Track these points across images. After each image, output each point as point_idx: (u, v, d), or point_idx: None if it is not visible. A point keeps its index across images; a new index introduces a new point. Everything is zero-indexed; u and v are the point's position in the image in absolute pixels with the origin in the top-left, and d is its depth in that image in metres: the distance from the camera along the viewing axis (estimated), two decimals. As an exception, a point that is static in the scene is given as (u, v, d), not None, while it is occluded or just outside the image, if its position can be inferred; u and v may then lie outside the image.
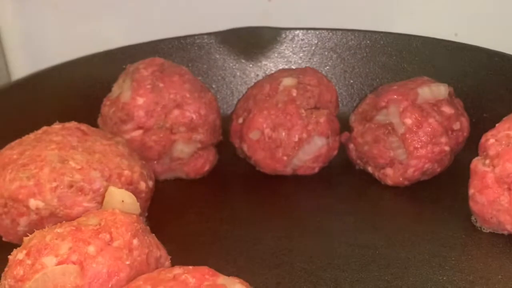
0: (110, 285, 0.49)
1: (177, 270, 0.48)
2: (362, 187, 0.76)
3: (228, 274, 0.49)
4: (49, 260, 0.49)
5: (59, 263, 0.49)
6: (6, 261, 0.57)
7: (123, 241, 0.52)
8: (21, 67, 0.95)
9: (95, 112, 0.77)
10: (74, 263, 0.49)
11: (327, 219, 0.71)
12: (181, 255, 0.57)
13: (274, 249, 0.66)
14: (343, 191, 0.76)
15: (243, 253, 0.65)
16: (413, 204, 0.74)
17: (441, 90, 0.74)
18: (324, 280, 0.60)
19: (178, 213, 0.73)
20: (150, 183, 0.69)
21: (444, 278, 0.60)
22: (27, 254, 0.50)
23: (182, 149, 0.75)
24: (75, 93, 0.79)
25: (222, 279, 0.48)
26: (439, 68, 0.83)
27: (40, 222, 0.62)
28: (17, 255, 0.51)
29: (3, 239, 0.65)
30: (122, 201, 0.55)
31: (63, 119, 0.70)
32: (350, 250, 0.64)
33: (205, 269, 0.48)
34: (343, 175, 0.79)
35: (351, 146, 0.77)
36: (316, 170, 0.77)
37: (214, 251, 0.66)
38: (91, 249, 0.50)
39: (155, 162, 0.76)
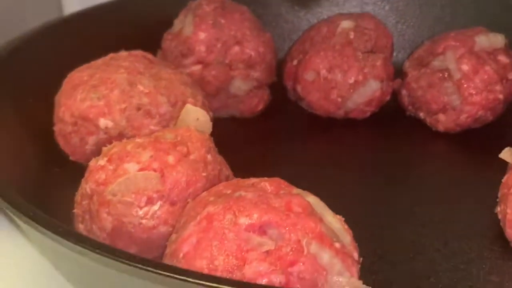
0: (188, 194, 0.51)
1: (254, 179, 0.50)
2: (413, 132, 0.78)
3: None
4: (131, 167, 0.51)
5: (140, 170, 0.51)
6: (75, 178, 0.61)
7: (198, 155, 0.53)
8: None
9: (154, 47, 0.79)
10: (155, 170, 0.51)
11: (376, 160, 0.73)
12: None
13: (328, 183, 0.68)
14: (394, 136, 0.78)
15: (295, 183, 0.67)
16: (463, 151, 0.75)
17: (498, 39, 0.75)
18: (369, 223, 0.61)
19: (232, 149, 0.75)
20: (210, 114, 0.71)
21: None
22: (109, 161, 0.52)
23: (239, 85, 0.77)
24: (135, 27, 0.80)
25: (296, 190, 0.50)
26: (492, 21, 0.83)
27: (108, 142, 0.63)
28: (98, 161, 0.53)
29: (70, 158, 0.67)
30: (197, 119, 0.56)
31: (122, 50, 0.71)
32: (398, 195, 0.66)
33: (280, 180, 0.50)
34: (394, 121, 0.80)
35: (404, 92, 0.78)
36: (368, 114, 0.79)
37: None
38: (171, 158, 0.52)
39: (212, 97, 0.77)
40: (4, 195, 0.46)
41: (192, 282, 0.37)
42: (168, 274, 0.37)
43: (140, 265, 0.37)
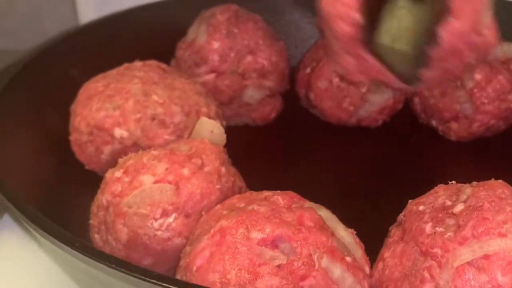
0: (202, 206, 0.52)
1: (267, 192, 0.51)
2: (425, 140, 0.78)
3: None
4: (147, 179, 0.52)
5: (156, 182, 0.52)
6: (90, 187, 0.62)
7: (213, 167, 0.54)
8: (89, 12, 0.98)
9: (168, 55, 0.80)
10: (170, 182, 0.52)
11: (388, 169, 0.74)
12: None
13: (340, 192, 0.68)
14: (406, 144, 0.78)
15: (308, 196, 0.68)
16: (475, 159, 0.76)
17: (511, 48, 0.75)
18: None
19: (244, 157, 0.76)
20: (224, 123, 0.71)
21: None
22: (125, 173, 0.53)
23: (252, 94, 0.78)
24: (149, 36, 0.81)
25: (308, 203, 0.50)
26: (506, 30, 0.83)
27: (123, 151, 0.64)
28: (114, 173, 0.54)
29: (86, 167, 0.69)
30: (212, 131, 0.57)
31: (136, 60, 0.72)
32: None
33: (292, 193, 0.51)
34: (406, 129, 0.80)
35: (416, 99, 0.79)
36: (380, 122, 0.79)
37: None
38: (186, 171, 0.53)
39: (225, 106, 0.78)
40: (22, 209, 0.47)
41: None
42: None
43: (155, 281, 0.38)
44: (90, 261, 0.41)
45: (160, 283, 0.38)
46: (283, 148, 0.78)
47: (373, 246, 0.51)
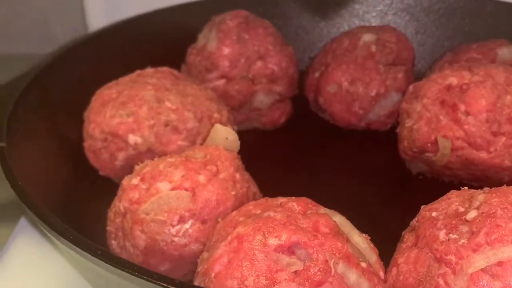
0: (218, 212, 0.53)
1: (282, 199, 0.52)
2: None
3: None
4: (164, 186, 0.53)
5: (173, 189, 0.53)
6: (105, 193, 0.62)
7: (228, 174, 0.55)
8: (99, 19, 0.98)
9: (178, 61, 0.81)
10: (186, 189, 0.53)
11: (399, 172, 0.74)
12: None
13: (353, 196, 0.69)
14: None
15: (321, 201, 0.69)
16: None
17: (519, 52, 0.75)
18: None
19: (256, 162, 0.77)
20: (235, 128, 0.72)
21: None
22: (142, 180, 0.54)
23: (262, 99, 0.78)
24: (159, 42, 0.82)
25: (323, 209, 0.51)
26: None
27: (137, 157, 0.65)
28: (132, 180, 0.55)
29: (100, 173, 0.69)
30: (226, 138, 0.58)
31: (147, 66, 0.73)
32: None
33: (307, 199, 0.52)
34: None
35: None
36: (389, 126, 0.80)
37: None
38: (202, 178, 0.54)
39: (235, 111, 0.79)
40: (43, 217, 0.48)
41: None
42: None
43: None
44: (112, 268, 0.41)
45: (181, 290, 0.39)
46: (293, 152, 0.78)
47: (386, 249, 0.52)
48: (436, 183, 0.71)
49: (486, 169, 0.65)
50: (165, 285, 0.39)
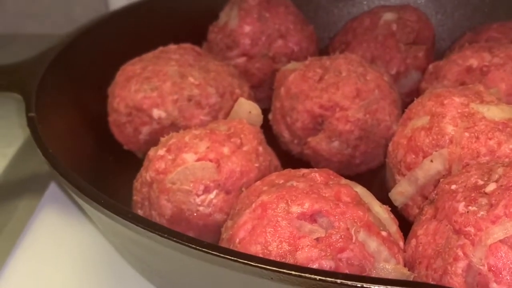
0: (241, 183, 0.55)
1: (304, 170, 0.53)
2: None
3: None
4: (189, 157, 0.54)
5: (198, 160, 0.54)
6: (129, 166, 0.64)
7: (251, 147, 0.57)
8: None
9: (200, 39, 0.82)
10: (211, 160, 0.54)
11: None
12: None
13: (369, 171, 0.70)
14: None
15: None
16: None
17: (540, 31, 0.75)
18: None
19: (275, 138, 0.78)
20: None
21: None
22: (168, 151, 0.56)
23: (282, 77, 0.79)
24: (181, 20, 0.83)
25: (344, 180, 0.52)
26: None
27: (160, 132, 0.67)
28: (158, 151, 0.56)
29: (124, 147, 0.71)
30: (250, 112, 0.59)
31: (169, 43, 0.74)
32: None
33: (329, 170, 0.53)
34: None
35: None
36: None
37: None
38: (226, 150, 0.55)
39: (255, 89, 0.80)
40: (74, 182, 0.50)
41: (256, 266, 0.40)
42: (239, 260, 0.40)
43: (209, 251, 0.41)
44: (142, 231, 0.43)
45: (208, 250, 0.41)
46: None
47: (405, 222, 0.53)
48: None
49: None
50: (194, 246, 0.41)
